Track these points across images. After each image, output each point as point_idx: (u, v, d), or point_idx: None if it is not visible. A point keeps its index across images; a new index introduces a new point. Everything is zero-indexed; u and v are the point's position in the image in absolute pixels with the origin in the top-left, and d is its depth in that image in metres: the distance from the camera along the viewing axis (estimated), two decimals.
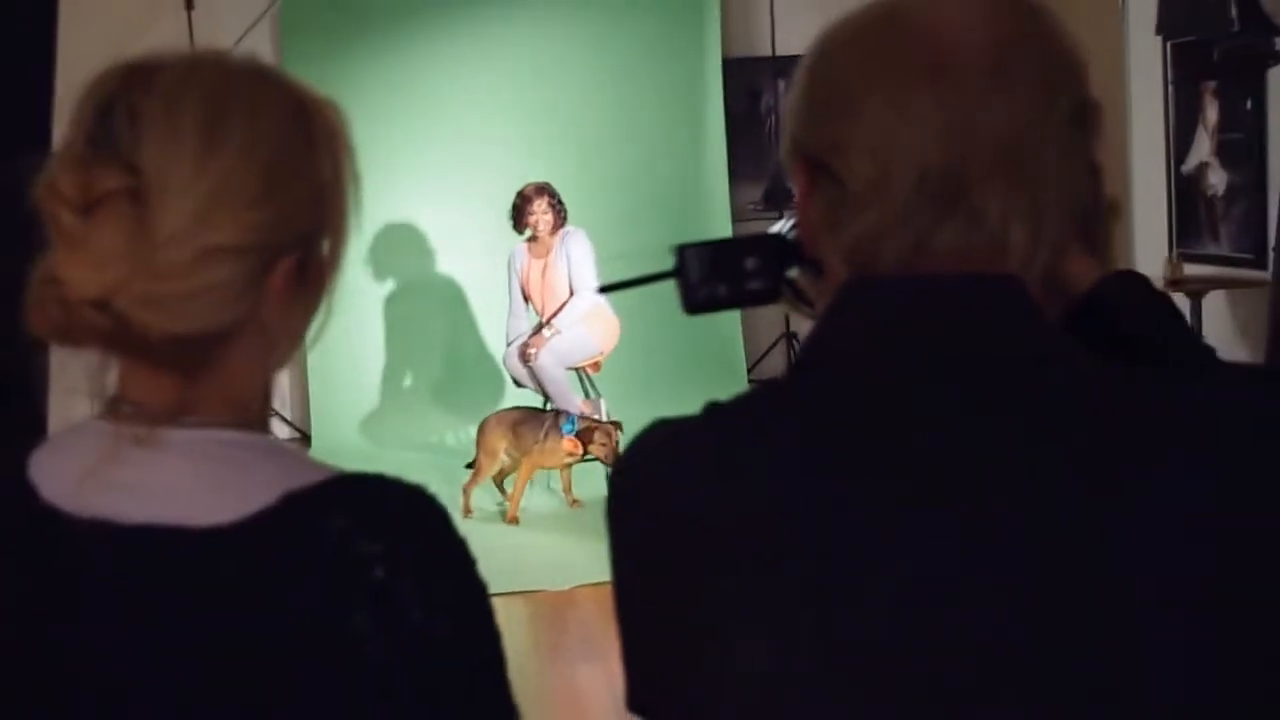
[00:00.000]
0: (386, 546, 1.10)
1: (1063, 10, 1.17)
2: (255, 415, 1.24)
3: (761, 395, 1.14)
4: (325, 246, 1.25)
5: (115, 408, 1.20)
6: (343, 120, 1.26)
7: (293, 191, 1.18)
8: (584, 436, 7.08)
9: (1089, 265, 1.41)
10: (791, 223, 1.42)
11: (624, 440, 6.95)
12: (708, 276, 1.34)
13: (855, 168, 1.10)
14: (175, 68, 1.17)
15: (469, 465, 7.71)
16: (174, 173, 1.12)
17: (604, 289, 1.48)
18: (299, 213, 1.20)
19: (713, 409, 1.13)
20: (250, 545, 1.10)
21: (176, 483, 1.15)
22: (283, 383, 9.45)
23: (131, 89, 1.15)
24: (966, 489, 1.02)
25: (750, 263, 1.34)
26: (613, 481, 1.17)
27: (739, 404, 1.13)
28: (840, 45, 1.15)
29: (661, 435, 1.14)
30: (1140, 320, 1.43)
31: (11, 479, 1.23)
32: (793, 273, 1.35)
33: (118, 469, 1.16)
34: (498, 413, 7.61)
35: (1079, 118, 1.13)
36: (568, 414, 7.24)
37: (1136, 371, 1.14)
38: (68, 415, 1.27)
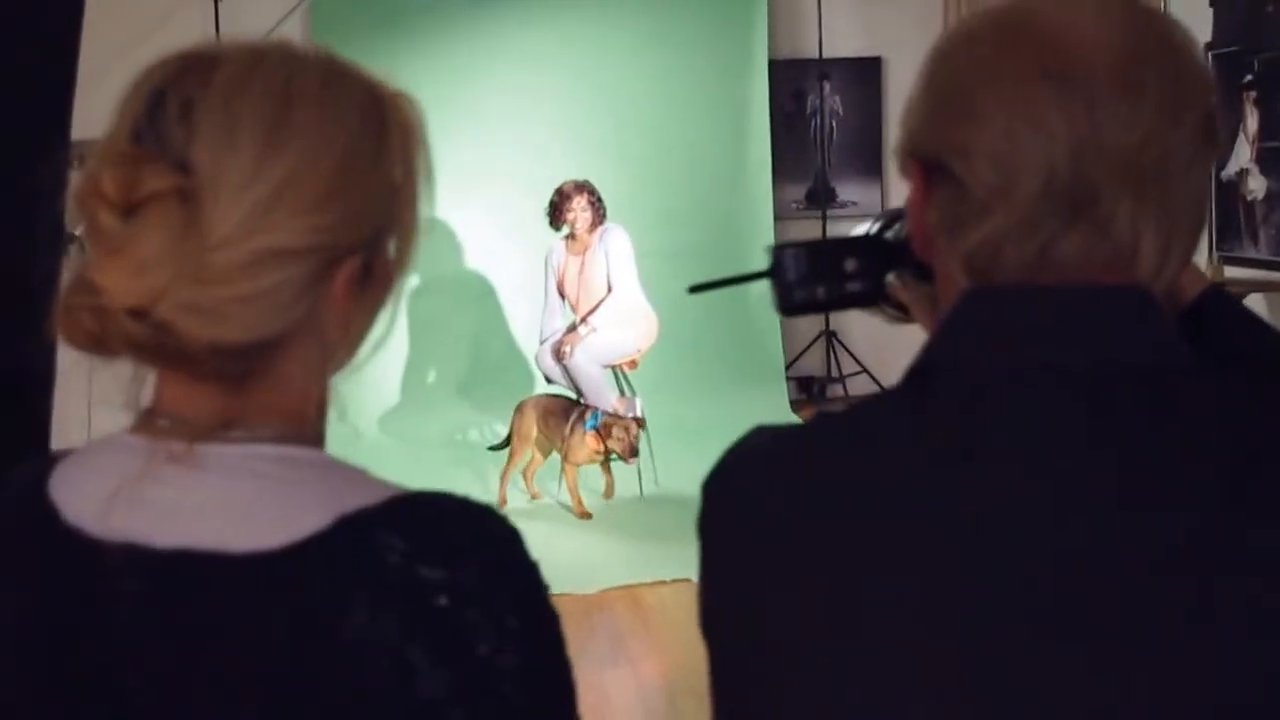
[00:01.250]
0: (450, 573, 1.00)
1: None
2: (308, 427, 1.12)
3: (875, 405, 1.10)
4: (392, 247, 1.15)
5: (150, 421, 1.09)
6: (418, 114, 1.16)
7: (360, 191, 1.09)
8: (603, 431, 6.95)
9: (1196, 275, 1.35)
10: (880, 224, 1.39)
11: (644, 437, 7.19)
12: (805, 278, 1.30)
13: (978, 172, 1.05)
14: (238, 60, 1.07)
15: (493, 448, 7.74)
16: (229, 172, 1.02)
17: (694, 289, 1.40)
18: (366, 213, 1.10)
19: (821, 417, 1.09)
20: (297, 573, 1.00)
21: (215, 503, 1.04)
22: None
23: (186, 82, 1.06)
24: (1098, 510, 0.96)
25: (850, 264, 1.31)
26: (707, 489, 1.11)
27: (851, 413, 1.09)
28: (964, 46, 1.11)
29: (763, 441, 1.11)
30: (1250, 332, 1.36)
31: (31, 499, 1.11)
32: (889, 276, 1.32)
33: (150, 488, 1.05)
34: (535, 397, 7.50)
35: (1204, 131, 1.06)
36: (594, 410, 7.10)
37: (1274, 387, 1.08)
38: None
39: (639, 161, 9.36)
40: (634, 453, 6.93)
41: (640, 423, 7.07)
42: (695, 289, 1.40)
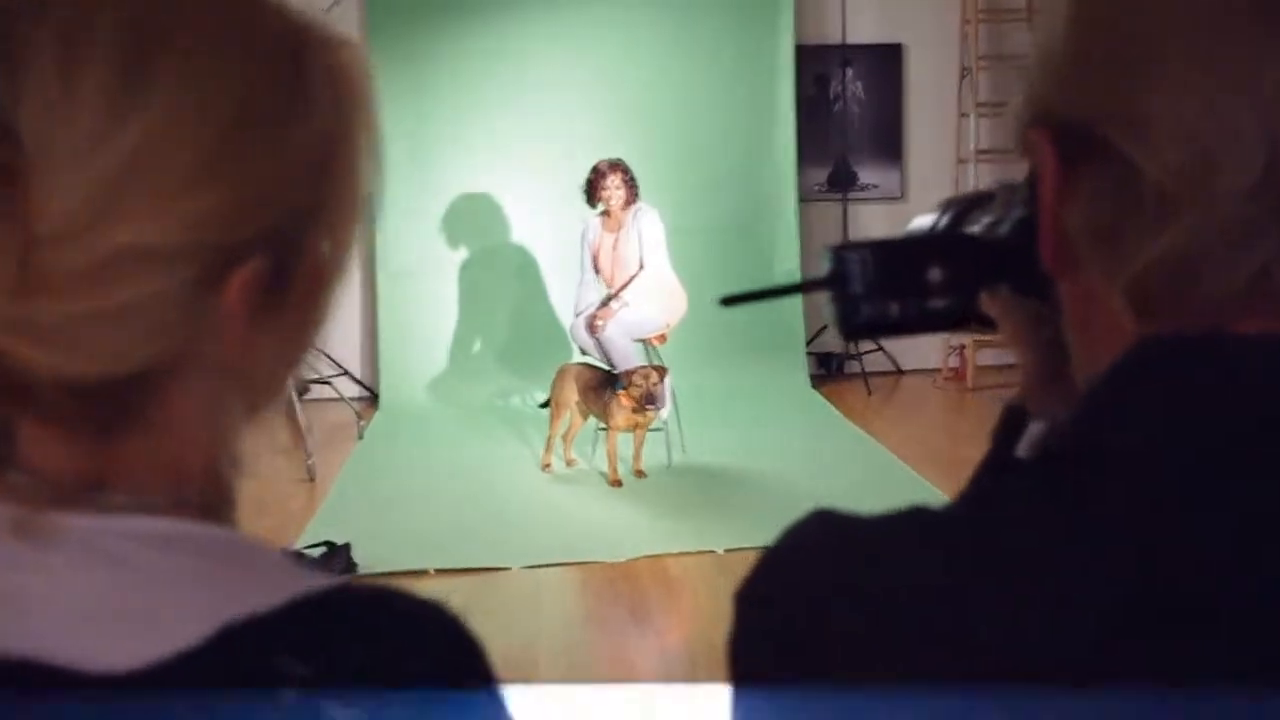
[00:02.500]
0: (369, 715, 0.72)
1: None
2: (197, 492, 0.79)
3: (1001, 506, 0.71)
4: (323, 244, 0.82)
5: (2, 475, 0.77)
6: (359, 66, 0.83)
7: (261, 165, 0.76)
8: (624, 381, 7.01)
9: None
10: (950, 215, 1.08)
11: (673, 406, 7.30)
12: (876, 290, 0.98)
13: (1160, 151, 0.69)
14: None
15: (543, 405, 7.81)
16: (65, 137, 0.70)
17: (728, 301, 1.06)
18: (270, 197, 0.76)
19: (916, 517, 0.72)
20: (163, 706, 0.71)
21: (66, 598, 0.73)
22: (353, 341, 9.68)
23: (16, 13, 0.73)
24: None
25: (935, 273, 0.98)
26: (748, 597, 0.77)
27: (963, 516, 0.72)
28: None
29: (828, 542, 0.75)
30: None
31: None
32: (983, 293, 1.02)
33: None
34: (576, 365, 7.53)
35: None
36: (623, 373, 7.20)
37: None
38: None
39: (671, 142, 9.53)
40: (651, 400, 6.91)
41: (661, 371, 7.07)
42: (730, 301, 1.06)
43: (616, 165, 7.78)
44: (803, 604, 0.72)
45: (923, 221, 1.10)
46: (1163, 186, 0.69)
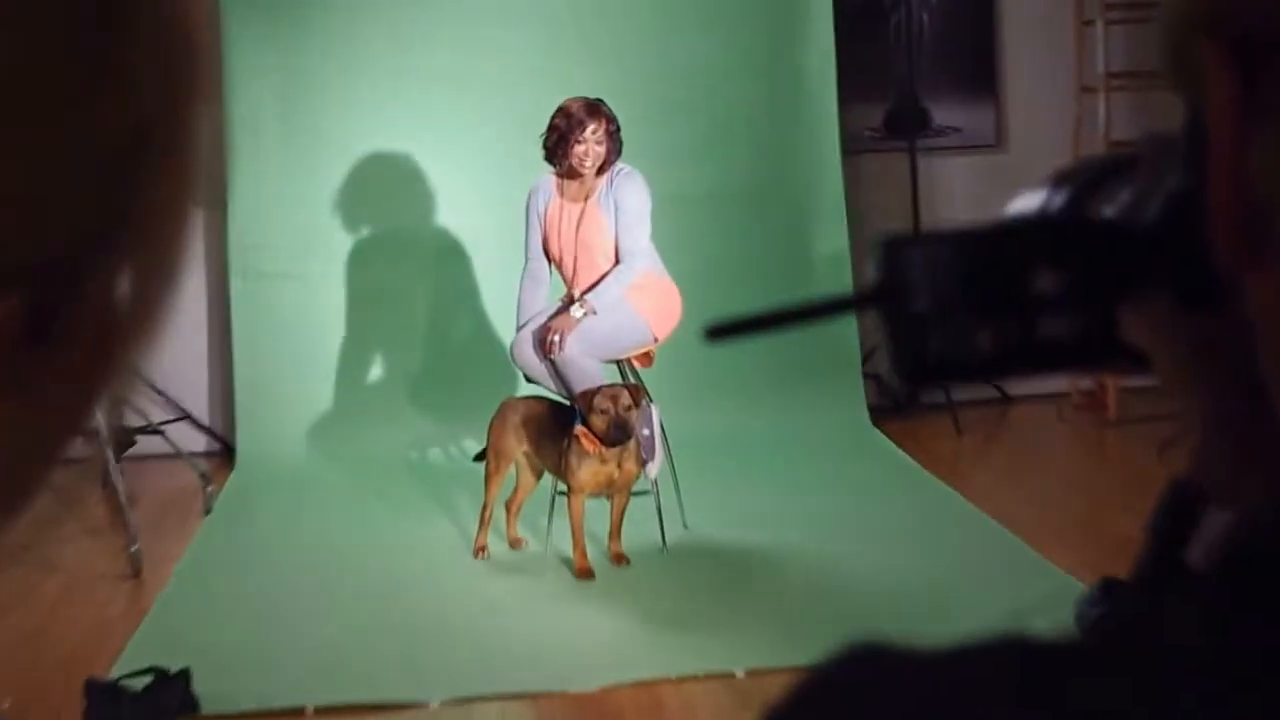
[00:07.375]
0: None
1: None
2: None
3: (1190, 652, 0.65)
4: (120, 279, 0.74)
5: None
6: (199, 15, 0.75)
7: (37, 166, 0.68)
8: (583, 407, 6.86)
9: None
10: (1067, 192, 0.99)
11: (655, 424, 7.45)
12: (953, 307, 0.88)
13: None
14: None
15: (478, 457, 7.69)
16: None
17: (715, 333, 0.92)
18: (48, 211, 0.69)
19: (1031, 672, 0.65)
20: None
21: None
22: (197, 371, 9.87)
23: None
24: None
25: (1047, 280, 0.88)
26: None
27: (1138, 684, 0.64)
28: None
29: (889, 700, 0.68)
30: None
31: None
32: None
33: None
34: (524, 400, 7.48)
35: None
36: (580, 396, 7.05)
37: None
38: None
39: (658, 80, 9.59)
40: (622, 431, 6.81)
41: (635, 392, 6.97)
42: (715, 334, 0.93)
43: (597, 109, 7.57)
44: None
45: (1028, 203, 1.00)
46: None
